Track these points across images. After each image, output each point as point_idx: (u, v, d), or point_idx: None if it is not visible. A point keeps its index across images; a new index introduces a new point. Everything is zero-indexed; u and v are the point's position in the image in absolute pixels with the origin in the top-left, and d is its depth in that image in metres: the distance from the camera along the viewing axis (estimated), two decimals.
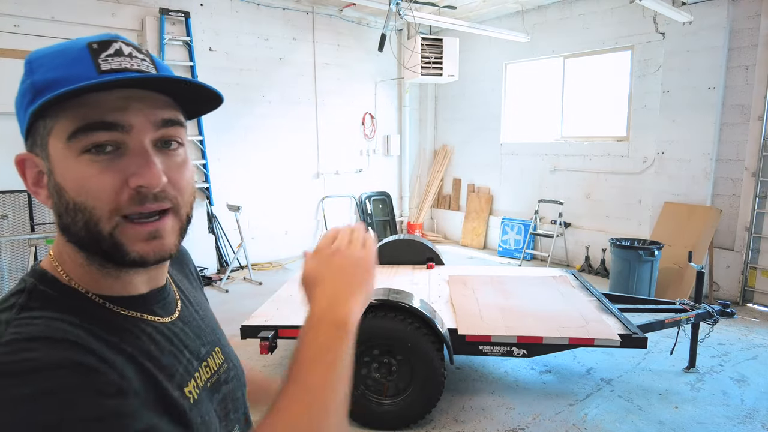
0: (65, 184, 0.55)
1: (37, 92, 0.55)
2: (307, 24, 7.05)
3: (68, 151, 0.55)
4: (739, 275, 5.23)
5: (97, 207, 0.55)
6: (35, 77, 0.56)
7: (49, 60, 0.57)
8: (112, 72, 0.55)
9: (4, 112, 4.77)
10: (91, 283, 0.60)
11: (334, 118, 7.53)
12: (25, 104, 0.57)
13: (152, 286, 0.67)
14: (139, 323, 0.62)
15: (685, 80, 5.36)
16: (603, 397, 3.33)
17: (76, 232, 0.57)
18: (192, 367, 0.66)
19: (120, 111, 0.55)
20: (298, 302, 3.58)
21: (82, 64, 0.55)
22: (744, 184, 5.18)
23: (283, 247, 7.17)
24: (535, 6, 6.80)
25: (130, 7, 5.56)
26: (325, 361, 0.62)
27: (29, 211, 5.06)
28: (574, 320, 3.21)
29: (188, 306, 0.75)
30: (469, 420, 3.06)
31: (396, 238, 4.85)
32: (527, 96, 7.38)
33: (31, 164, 0.59)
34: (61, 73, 0.55)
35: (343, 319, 0.66)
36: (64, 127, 0.55)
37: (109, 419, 0.47)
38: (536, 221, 6.95)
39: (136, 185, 0.55)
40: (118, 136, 0.55)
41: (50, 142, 0.56)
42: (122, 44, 0.58)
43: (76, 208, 0.55)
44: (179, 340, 0.67)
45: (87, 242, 0.57)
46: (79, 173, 0.55)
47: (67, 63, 0.56)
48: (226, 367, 0.75)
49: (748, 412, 3.15)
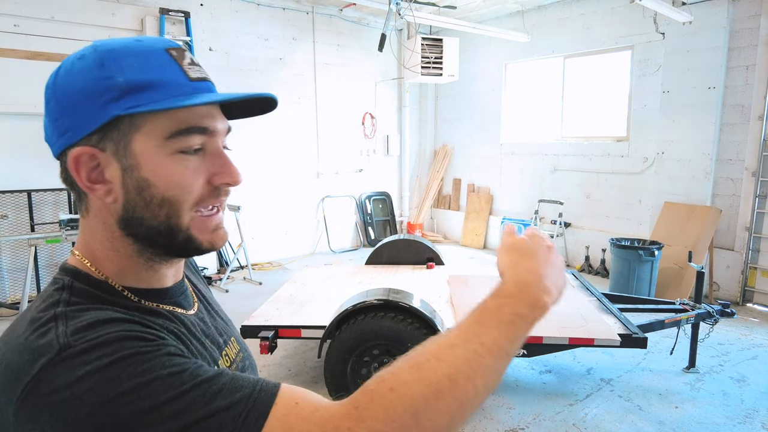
0: (156, 180, 0.59)
1: (131, 91, 0.56)
2: (307, 24, 7.05)
3: (163, 149, 0.59)
4: (739, 275, 5.23)
5: (186, 201, 0.60)
6: (127, 75, 0.57)
7: (135, 59, 0.58)
8: (198, 80, 0.61)
9: (4, 112, 4.80)
10: (125, 277, 0.63)
11: (334, 118, 7.53)
12: (107, 100, 0.56)
13: (175, 279, 0.70)
14: (169, 315, 0.66)
15: (685, 80, 5.36)
16: (603, 397, 3.33)
17: (155, 225, 0.60)
18: (216, 355, 0.70)
19: (209, 118, 0.62)
20: (298, 302, 3.60)
21: (172, 69, 0.59)
22: (744, 184, 5.18)
23: (283, 247, 7.17)
24: (535, 6, 6.79)
25: (130, 7, 5.56)
26: (508, 327, 0.61)
27: (29, 211, 5.06)
28: (574, 320, 3.21)
29: (202, 299, 0.79)
30: (469, 420, 3.06)
31: (396, 238, 4.85)
32: (527, 96, 7.38)
33: (87, 159, 0.59)
34: (157, 76, 0.58)
35: (544, 304, 0.64)
36: (162, 126, 0.58)
37: (181, 373, 0.51)
38: (536, 221, 6.95)
39: (221, 183, 0.63)
40: (206, 139, 0.62)
41: (137, 138, 0.58)
42: (189, 53, 0.64)
43: (164, 202, 0.59)
44: (201, 330, 0.70)
45: (162, 234, 0.61)
46: (173, 170, 0.59)
47: (156, 66, 0.59)
48: (242, 356, 0.79)
49: (748, 412, 3.15)
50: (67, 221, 4.63)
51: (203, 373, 0.52)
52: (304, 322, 3.22)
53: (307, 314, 3.36)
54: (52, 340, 0.50)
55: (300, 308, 3.50)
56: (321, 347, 3.06)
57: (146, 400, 0.47)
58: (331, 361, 2.95)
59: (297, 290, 3.93)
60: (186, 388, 0.49)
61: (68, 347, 0.49)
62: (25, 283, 4.47)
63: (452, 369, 0.55)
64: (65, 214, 4.70)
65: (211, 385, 0.50)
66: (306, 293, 3.84)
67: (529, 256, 0.69)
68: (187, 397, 0.48)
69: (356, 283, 4.03)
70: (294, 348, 4.06)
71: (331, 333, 2.96)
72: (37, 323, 0.53)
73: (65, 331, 0.51)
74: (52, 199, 5.20)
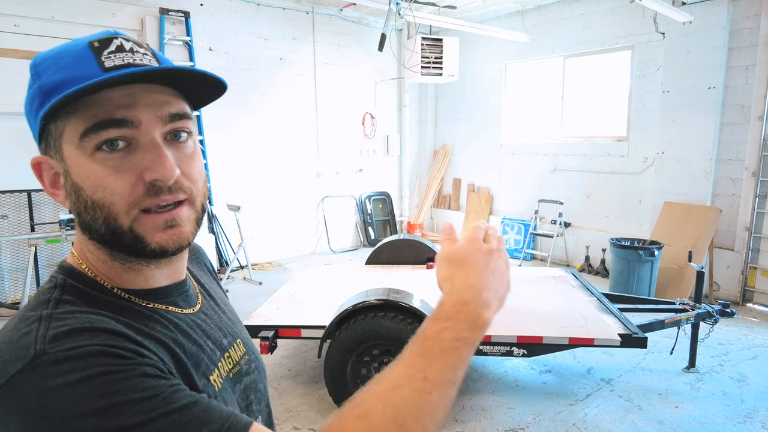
0: (82, 183, 0.57)
1: (45, 95, 0.56)
2: (307, 24, 7.05)
3: (81, 151, 0.56)
4: (739, 275, 5.23)
5: (115, 203, 0.57)
6: (42, 81, 0.57)
7: (52, 62, 0.57)
8: (116, 68, 0.56)
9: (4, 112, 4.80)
10: (115, 277, 0.63)
11: (334, 118, 7.53)
12: (35, 108, 0.58)
13: (172, 280, 0.69)
14: (163, 313, 0.64)
15: (685, 80, 5.36)
16: (603, 396, 3.33)
17: (96, 228, 0.59)
18: (215, 356, 0.68)
19: (128, 107, 0.56)
20: (298, 302, 3.60)
21: (86, 63, 0.56)
22: (744, 183, 5.18)
23: (283, 247, 7.17)
24: (535, 6, 6.79)
25: (130, 7, 5.56)
26: (451, 355, 0.59)
27: (29, 211, 5.06)
28: (574, 320, 3.21)
29: (209, 300, 0.77)
30: (469, 420, 3.07)
31: (396, 238, 4.85)
32: (527, 96, 7.38)
33: (46, 167, 0.60)
34: (67, 74, 0.55)
35: (484, 320, 0.62)
36: (75, 127, 0.56)
37: (152, 398, 0.50)
38: (536, 221, 6.96)
39: (151, 179, 0.57)
40: (129, 132, 0.56)
41: (63, 143, 0.57)
42: (122, 40, 0.59)
43: (95, 206, 0.57)
44: (202, 330, 0.69)
45: (108, 238, 0.59)
46: (94, 171, 0.56)
47: (70, 63, 0.56)
48: (248, 359, 0.77)
49: (748, 411, 3.15)
50: (67, 221, 4.63)
51: (176, 400, 0.51)
52: (304, 322, 3.22)
53: (307, 314, 3.36)
54: (29, 344, 0.50)
55: (300, 308, 3.50)
56: (321, 347, 3.06)
57: (112, 423, 0.46)
58: (331, 361, 2.95)
59: (297, 290, 3.93)
60: (154, 415, 0.48)
61: (43, 354, 0.49)
62: (25, 282, 4.47)
63: (399, 413, 0.54)
64: (65, 214, 4.71)
65: (181, 415, 0.50)
66: (306, 293, 3.84)
67: (466, 267, 0.65)
68: (154, 425, 0.48)
69: (356, 283, 4.03)
70: (294, 348, 4.06)
71: (331, 333, 2.96)
72: (24, 321, 0.54)
73: (44, 335, 0.50)
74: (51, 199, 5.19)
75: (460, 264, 0.65)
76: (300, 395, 3.35)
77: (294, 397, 3.33)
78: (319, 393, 3.35)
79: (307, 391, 3.41)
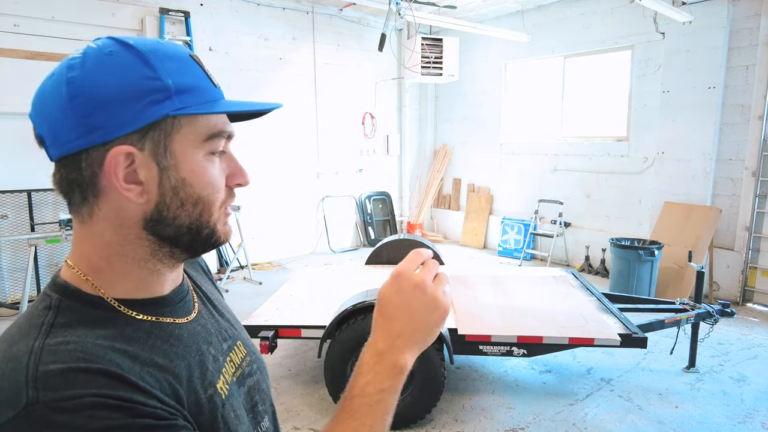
0: (193, 180, 0.61)
1: (177, 93, 0.58)
2: (307, 24, 7.05)
3: (199, 151, 0.61)
4: (739, 275, 5.23)
5: (216, 201, 0.64)
6: (174, 78, 0.58)
7: (174, 63, 0.59)
8: (217, 87, 0.64)
9: (4, 112, 4.80)
10: (123, 286, 0.61)
11: (334, 118, 7.53)
12: (153, 101, 0.56)
13: (174, 285, 0.68)
14: (165, 327, 0.63)
15: (685, 80, 5.36)
16: (603, 396, 3.33)
17: (185, 223, 0.61)
18: (218, 363, 0.68)
19: (228, 123, 0.65)
20: (298, 302, 3.60)
21: (202, 75, 0.62)
22: (744, 183, 5.18)
23: (283, 247, 7.18)
24: (535, 6, 6.80)
25: (131, 7, 5.56)
26: (378, 407, 0.64)
27: (29, 211, 5.06)
28: (574, 320, 3.21)
29: (205, 303, 0.77)
30: (469, 420, 3.07)
31: (396, 238, 4.85)
32: (527, 96, 7.38)
33: (123, 159, 0.56)
34: (195, 82, 0.61)
35: (401, 366, 0.66)
36: (201, 130, 0.61)
37: None
38: (536, 221, 6.96)
39: (236, 184, 0.67)
40: (225, 143, 0.65)
41: (177, 140, 0.59)
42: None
43: (199, 201, 0.62)
44: (202, 338, 0.68)
45: (190, 231, 0.62)
46: (208, 170, 0.62)
47: (192, 71, 0.61)
48: (249, 360, 0.77)
49: (747, 411, 3.15)
50: (67, 221, 4.63)
51: None
52: (304, 321, 3.22)
53: (307, 314, 3.37)
54: (21, 386, 0.48)
55: (300, 308, 3.50)
56: (321, 347, 3.06)
57: None
58: (331, 360, 2.95)
59: (297, 290, 3.93)
60: None
61: (36, 402, 0.47)
62: (25, 283, 4.47)
63: None
64: (65, 214, 4.71)
65: None
66: (306, 293, 3.85)
67: (385, 313, 0.68)
68: None
69: (356, 283, 4.03)
70: (294, 348, 4.06)
71: (331, 333, 2.96)
72: (15, 348, 0.52)
73: (35, 374, 0.49)
74: (52, 199, 5.20)
75: (381, 309, 0.69)
76: (300, 395, 3.35)
77: (294, 397, 3.34)
78: (319, 393, 3.35)
79: (307, 391, 3.41)
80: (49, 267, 5.27)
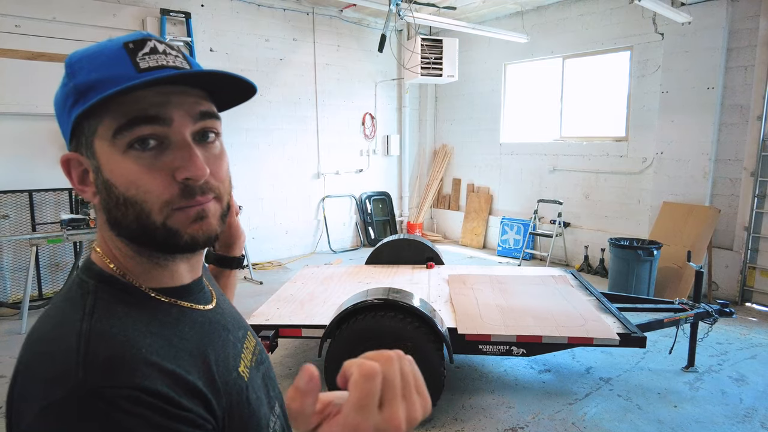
0: (114, 180, 0.58)
1: (81, 94, 0.57)
2: (308, 25, 7.07)
3: (114, 148, 0.57)
4: (738, 275, 5.24)
5: (148, 201, 0.57)
6: (77, 79, 0.58)
7: (88, 62, 0.59)
8: (150, 70, 0.57)
9: (5, 112, 4.81)
10: (143, 275, 0.63)
11: (334, 118, 7.55)
12: (69, 106, 0.59)
13: (193, 276, 0.69)
14: (191, 313, 0.65)
15: (684, 80, 5.37)
16: (602, 396, 3.34)
17: (127, 225, 0.59)
18: (237, 348, 0.70)
19: (160, 106, 0.57)
20: (299, 302, 3.61)
21: (121, 63, 0.57)
22: (743, 184, 5.20)
23: (283, 246, 7.19)
24: (534, 6, 6.81)
25: (131, 8, 5.57)
26: None
27: (30, 211, 5.07)
28: (574, 319, 3.22)
29: (220, 294, 0.79)
30: (468, 419, 3.08)
31: (396, 237, 4.86)
32: (527, 96, 7.40)
33: (76, 164, 0.61)
34: (103, 74, 0.57)
35: None
36: (109, 125, 0.57)
37: None
38: (535, 221, 6.97)
39: (183, 178, 0.58)
40: (160, 129, 0.57)
41: (96, 140, 0.58)
42: (156, 42, 0.60)
43: (127, 203, 0.58)
44: (222, 325, 0.70)
45: (139, 234, 0.59)
46: (127, 169, 0.57)
47: (106, 63, 0.58)
48: (259, 349, 0.79)
49: (746, 411, 3.16)
50: (68, 221, 4.64)
51: None
52: (304, 321, 3.24)
53: (308, 314, 3.38)
54: (70, 366, 0.49)
55: (300, 308, 3.51)
56: (321, 346, 3.07)
57: None
58: (332, 360, 2.96)
59: (297, 290, 3.94)
60: None
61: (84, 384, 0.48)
62: (27, 282, 4.48)
63: None
64: (66, 214, 4.72)
65: None
66: (306, 293, 3.86)
67: None
68: None
69: (356, 282, 4.05)
70: (294, 347, 4.07)
71: (331, 332, 2.97)
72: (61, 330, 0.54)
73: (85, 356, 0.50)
74: (53, 199, 5.21)
75: None
76: None
77: None
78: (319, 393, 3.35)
79: None
80: (50, 267, 5.28)
